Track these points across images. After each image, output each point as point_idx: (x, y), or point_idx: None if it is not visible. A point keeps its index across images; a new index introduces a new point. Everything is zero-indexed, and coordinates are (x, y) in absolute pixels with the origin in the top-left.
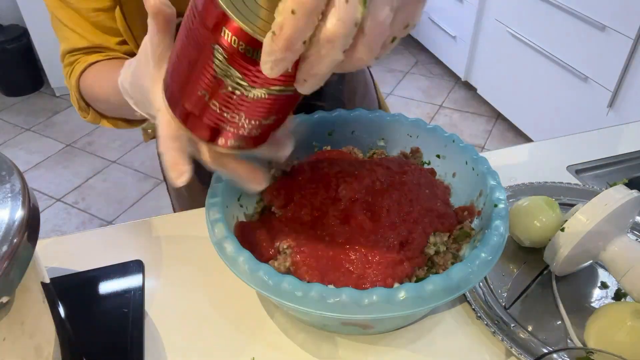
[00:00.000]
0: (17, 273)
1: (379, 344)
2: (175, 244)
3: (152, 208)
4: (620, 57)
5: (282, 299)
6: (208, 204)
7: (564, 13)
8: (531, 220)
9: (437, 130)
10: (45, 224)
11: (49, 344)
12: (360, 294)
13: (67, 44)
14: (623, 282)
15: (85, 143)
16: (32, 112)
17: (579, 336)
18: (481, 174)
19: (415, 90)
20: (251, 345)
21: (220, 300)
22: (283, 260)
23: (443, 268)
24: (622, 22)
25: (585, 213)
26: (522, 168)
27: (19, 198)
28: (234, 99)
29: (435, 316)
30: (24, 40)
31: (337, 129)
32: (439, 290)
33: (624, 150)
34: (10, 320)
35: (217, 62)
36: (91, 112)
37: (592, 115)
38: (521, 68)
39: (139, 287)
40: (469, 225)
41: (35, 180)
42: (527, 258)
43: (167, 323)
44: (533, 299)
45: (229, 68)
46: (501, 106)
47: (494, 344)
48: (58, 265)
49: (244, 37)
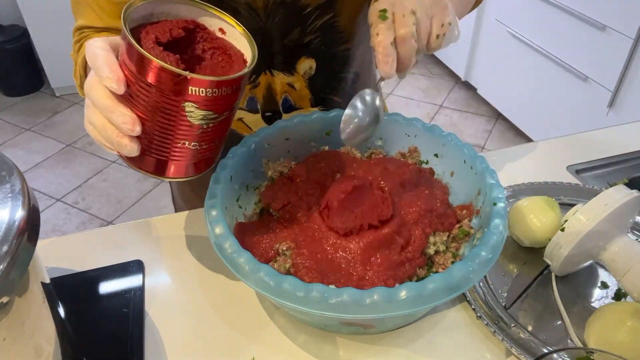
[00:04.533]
0: (17, 273)
1: (379, 344)
2: (175, 244)
3: (152, 208)
4: (620, 57)
5: (283, 299)
6: (207, 204)
7: (564, 13)
8: (531, 220)
9: (435, 130)
10: (45, 224)
11: (49, 344)
12: (362, 293)
13: (83, 20)
14: (623, 282)
15: (85, 143)
16: (32, 112)
17: (579, 336)
18: (479, 172)
19: (415, 90)
20: (251, 346)
21: (220, 300)
22: (283, 261)
23: (443, 267)
24: (622, 22)
25: (585, 213)
26: (522, 168)
27: (19, 198)
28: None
29: (435, 316)
30: (24, 40)
31: (335, 129)
32: (439, 289)
33: (624, 150)
34: (11, 320)
35: (190, 114)
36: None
37: (592, 115)
38: (521, 68)
39: (139, 287)
40: (468, 224)
41: (35, 180)
42: (527, 258)
43: (167, 323)
44: (533, 299)
45: (204, 111)
46: (501, 106)
47: (494, 344)
48: (58, 265)
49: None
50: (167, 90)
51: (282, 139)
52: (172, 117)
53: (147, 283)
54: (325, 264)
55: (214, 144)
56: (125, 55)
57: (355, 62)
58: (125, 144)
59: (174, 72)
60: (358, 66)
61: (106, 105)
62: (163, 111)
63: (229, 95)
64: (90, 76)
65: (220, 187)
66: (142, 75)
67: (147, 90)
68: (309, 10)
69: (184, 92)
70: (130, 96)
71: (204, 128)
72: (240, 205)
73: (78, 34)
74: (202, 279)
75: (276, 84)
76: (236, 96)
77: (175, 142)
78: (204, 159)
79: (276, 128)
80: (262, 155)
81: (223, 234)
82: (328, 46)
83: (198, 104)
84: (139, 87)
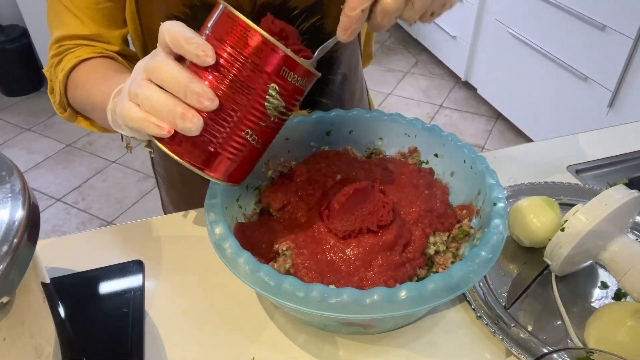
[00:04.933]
0: (17, 273)
1: (379, 344)
2: (175, 244)
3: (152, 208)
4: (620, 57)
5: (283, 299)
6: (207, 204)
7: (564, 13)
8: (531, 220)
9: (435, 129)
10: (45, 224)
11: (49, 344)
12: (362, 293)
13: (63, 30)
14: (623, 282)
15: (85, 143)
16: (32, 112)
17: (579, 336)
18: (479, 172)
19: (415, 90)
20: (251, 346)
21: (220, 300)
22: (283, 262)
23: (443, 267)
24: (622, 22)
25: (585, 213)
26: (522, 168)
27: (19, 198)
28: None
29: (435, 316)
30: (24, 40)
31: (335, 129)
32: (439, 289)
33: (624, 150)
34: (11, 320)
35: (269, 98)
36: (69, 110)
37: (592, 115)
38: (521, 68)
39: (139, 287)
40: (468, 224)
41: (35, 180)
42: (527, 258)
43: (167, 323)
44: (533, 299)
45: (279, 101)
46: (501, 106)
47: (494, 344)
48: (58, 265)
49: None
50: (262, 65)
51: (282, 139)
52: (251, 97)
53: (147, 283)
54: (325, 264)
55: (264, 146)
56: (219, 28)
57: (342, 64)
58: (192, 117)
59: (276, 46)
60: (346, 68)
61: (182, 77)
62: (246, 89)
63: (302, 91)
64: (152, 57)
65: (220, 187)
66: (240, 47)
67: (240, 64)
68: (297, 12)
69: (276, 70)
70: (208, 73)
71: (269, 122)
72: (240, 205)
73: (57, 47)
74: (202, 279)
75: None
76: (302, 97)
77: (239, 129)
78: (246, 163)
79: None
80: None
81: (223, 234)
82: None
83: (281, 89)
84: (227, 62)
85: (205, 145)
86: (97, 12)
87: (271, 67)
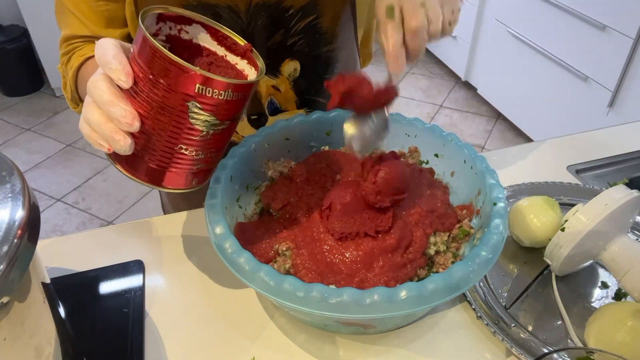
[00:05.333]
0: (17, 273)
1: (379, 344)
2: (175, 244)
3: (152, 208)
4: (620, 57)
5: (283, 299)
6: (207, 204)
7: (564, 13)
8: (531, 220)
9: (435, 129)
10: (45, 224)
11: (49, 344)
12: (362, 293)
13: (68, 30)
14: (623, 282)
15: (85, 143)
16: (32, 112)
17: (579, 336)
18: (480, 172)
19: (416, 90)
20: (251, 346)
21: (221, 300)
22: (282, 262)
23: (443, 267)
24: (622, 22)
25: (585, 213)
26: (522, 168)
27: (19, 198)
28: (208, 140)
29: (435, 316)
30: (24, 40)
31: (335, 129)
32: (440, 289)
33: (624, 150)
34: (11, 320)
35: (193, 115)
36: (81, 105)
37: (592, 115)
38: (521, 68)
39: (139, 287)
40: (468, 224)
41: (35, 180)
42: (527, 258)
43: (167, 323)
44: (533, 299)
45: (207, 115)
46: (501, 106)
47: (494, 344)
48: (58, 265)
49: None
50: (174, 86)
51: (282, 139)
52: (174, 117)
53: (147, 283)
54: (324, 265)
55: (212, 155)
56: (137, 50)
57: (339, 64)
58: (119, 139)
59: (183, 67)
60: (343, 67)
61: (107, 100)
62: (166, 109)
63: (234, 101)
64: (95, 74)
65: (220, 187)
66: (152, 69)
67: (153, 85)
68: (292, 12)
69: (190, 89)
70: (135, 93)
71: (204, 135)
72: (240, 205)
73: (65, 45)
74: (202, 279)
75: (261, 87)
76: (241, 105)
77: (173, 146)
78: (200, 171)
79: (276, 128)
80: (262, 155)
81: (223, 234)
82: (311, 48)
83: (202, 105)
84: (145, 83)
85: (146, 164)
86: (97, 14)
87: (183, 87)
